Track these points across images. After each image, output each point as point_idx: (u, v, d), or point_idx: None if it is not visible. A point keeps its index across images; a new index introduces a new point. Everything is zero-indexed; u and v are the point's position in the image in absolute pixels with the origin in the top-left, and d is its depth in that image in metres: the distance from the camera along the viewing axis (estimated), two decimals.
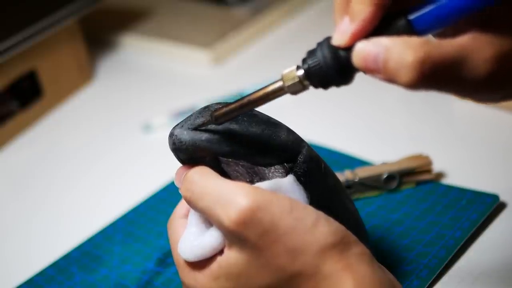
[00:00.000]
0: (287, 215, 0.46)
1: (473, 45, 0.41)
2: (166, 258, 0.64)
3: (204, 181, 0.49)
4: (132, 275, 0.63)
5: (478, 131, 0.77)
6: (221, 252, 0.49)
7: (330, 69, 0.44)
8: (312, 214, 0.47)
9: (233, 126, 0.50)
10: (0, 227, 0.75)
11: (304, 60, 0.46)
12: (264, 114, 0.53)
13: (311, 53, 0.45)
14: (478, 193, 0.65)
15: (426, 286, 0.57)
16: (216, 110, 0.49)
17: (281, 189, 0.49)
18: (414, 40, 0.41)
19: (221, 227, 0.48)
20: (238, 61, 1.01)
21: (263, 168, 0.51)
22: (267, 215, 0.46)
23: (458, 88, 0.43)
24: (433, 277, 0.57)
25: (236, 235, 0.47)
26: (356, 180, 0.67)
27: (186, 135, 0.50)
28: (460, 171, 0.70)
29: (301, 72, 0.46)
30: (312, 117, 0.85)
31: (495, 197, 0.64)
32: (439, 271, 0.58)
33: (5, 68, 0.87)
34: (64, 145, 0.88)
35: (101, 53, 1.07)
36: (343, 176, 0.67)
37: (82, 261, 0.65)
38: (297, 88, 0.46)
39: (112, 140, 0.87)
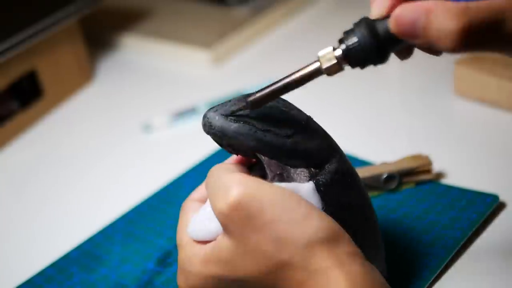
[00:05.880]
0: (276, 204, 0.47)
1: (509, 6, 0.42)
2: (166, 258, 0.64)
3: (216, 174, 0.50)
4: (132, 275, 0.63)
5: (478, 131, 0.77)
6: None
7: (369, 47, 0.45)
8: (305, 207, 0.47)
9: (264, 125, 0.51)
10: (0, 227, 0.75)
11: (341, 40, 0.46)
12: (304, 114, 0.53)
13: (348, 33, 0.46)
14: (478, 193, 0.65)
15: (426, 286, 0.57)
16: (250, 95, 0.49)
17: (298, 194, 0.49)
18: (455, 7, 0.42)
19: (216, 214, 0.48)
20: (238, 61, 1.01)
21: (289, 167, 0.51)
22: (255, 202, 0.47)
23: (498, 47, 0.44)
24: (433, 277, 0.57)
25: (224, 221, 0.48)
26: None
27: (217, 121, 0.51)
28: (460, 171, 0.70)
29: (339, 52, 0.46)
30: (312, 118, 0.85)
31: (495, 197, 0.64)
32: (439, 271, 0.58)
33: (5, 68, 0.87)
34: (64, 145, 0.88)
35: (101, 53, 1.07)
36: None
37: (82, 261, 0.65)
38: (334, 68, 0.47)
39: (112, 140, 0.87)
